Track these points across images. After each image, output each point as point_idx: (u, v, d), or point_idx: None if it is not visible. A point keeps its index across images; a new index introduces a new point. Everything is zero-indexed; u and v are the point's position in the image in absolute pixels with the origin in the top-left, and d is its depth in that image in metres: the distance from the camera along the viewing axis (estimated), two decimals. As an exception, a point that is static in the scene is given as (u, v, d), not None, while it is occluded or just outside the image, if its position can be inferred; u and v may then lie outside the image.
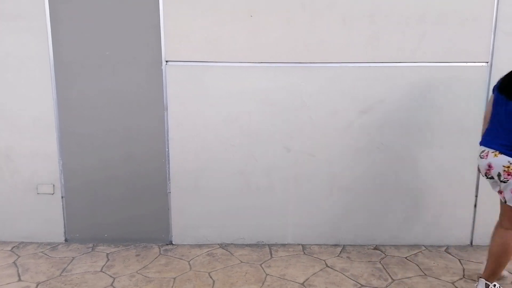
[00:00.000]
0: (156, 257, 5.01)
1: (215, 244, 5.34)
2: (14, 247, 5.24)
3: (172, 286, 4.36)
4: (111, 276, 4.59)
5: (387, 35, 4.89)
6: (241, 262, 4.90)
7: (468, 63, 4.93)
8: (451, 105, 5.01)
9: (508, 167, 3.73)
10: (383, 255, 5.09)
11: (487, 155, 3.89)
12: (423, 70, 4.93)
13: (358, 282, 4.45)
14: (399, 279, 4.52)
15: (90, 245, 5.33)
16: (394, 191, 5.20)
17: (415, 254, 5.10)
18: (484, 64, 4.93)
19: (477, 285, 4.15)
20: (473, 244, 5.33)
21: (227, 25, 4.87)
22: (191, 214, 5.26)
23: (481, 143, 4.02)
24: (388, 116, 5.03)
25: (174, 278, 4.52)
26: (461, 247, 5.28)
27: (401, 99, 4.99)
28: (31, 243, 5.35)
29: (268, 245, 5.33)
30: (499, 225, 4.05)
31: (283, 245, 5.33)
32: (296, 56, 4.92)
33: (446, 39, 4.89)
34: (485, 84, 4.96)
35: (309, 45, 4.90)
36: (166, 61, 4.93)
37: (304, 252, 5.14)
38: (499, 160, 3.79)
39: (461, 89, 4.97)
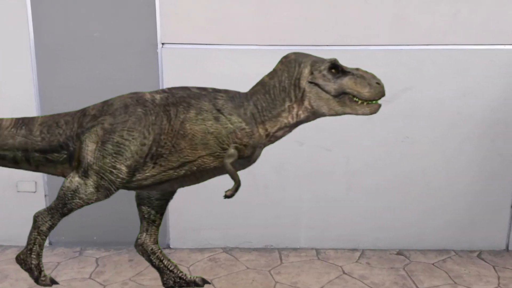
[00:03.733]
0: (152, 263, 5.18)
1: (218, 248, 5.53)
2: (-9, 250, 5.46)
3: (170, 297, 4.55)
4: (101, 284, 4.79)
5: (415, 14, 5.00)
6: (248, 268, 5.10)
7: (505, 45, 5.07)
8: (486, 93, 5.14)
9: None
10: (408, 260, 5.27)
11: None
12: (455, 54, 5.06)
13: (378, 292, 4.68)
14: (425, 288, 4.74)
15: (77, 249, 5.51)
16: (420, 190, 5.38)
17: (444, 260, 5.29)
18: (525, 46, 5.11)
19: None
20: (509, 249, 5.53)
21: (232, 3, 4.99)
22: (191, 215, 5.46)
23: None
24: (414, 106, 5.16)
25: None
26: (496, 252, 5.47)
27: (429, 86, 5.14)
28: (11, 246, 5.54)
29: (278, 249, 5.51)
30: None
31: (295, 249, 5.52)
32: (311, 38, 5.04)
33: (482, 19, 5.01)
34: (525, 69, 5.13)
35: (326, 25, 5.02)
36: (162, 44, 5.07)
37: (318, 257, 5.33)
38: None
39: (497, 75, 5.10)
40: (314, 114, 3.26)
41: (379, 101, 3.13)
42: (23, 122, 3.33)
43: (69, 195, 3.28)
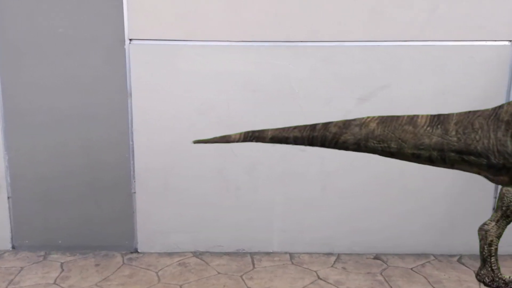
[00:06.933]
0: (119, 267, 5.34)
1: (187, 252, 5.67)
2: (-49, 255, 5.57)
3: (137, 302, 4.73)
4: (66, 290, 4.93)
5: (392, 8, 5.15)
6: (218, 273, 5.23)
7: (487, 41, 5.23)
8: (466, 91, 5.29)
9: None
10: (385, 265, 5.42)
11: None
12: (434, 50, 5.22)
13: (354, 298, 4.84)
14: (403, 294, 4.89)
15: (42, 253, 5.63)
16: (397, 192, 5.53)
17: (423, 265, 5.44)
18: (506, 43, 5.24)
19: None
20: (490, 253, 5.66)
21: (202, -3, 5.14)
22: (159, 217, 5.61)
23: None
24: (392, 104, 5.28)
25: (140, 292, 4.89)
26: (477, 257, 5.45)
27: (407, 84, 5.29)
28: (-27, 249, 5.69)
29: (250, 253, 5.67)
30: None
31: (268, 253, 5.67)
32: (283, 34, 5.19)
33: (462, 14, 5.16)
34: (507, 65, 5.27)
35: (299, 21, 5.17)
36: (130, 40, 5.21)
37: (292, 262, 5.48)
38: None
39: (478, 72, 5.25)
40: None
41: None
42: (438, 120, 3.52)
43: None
